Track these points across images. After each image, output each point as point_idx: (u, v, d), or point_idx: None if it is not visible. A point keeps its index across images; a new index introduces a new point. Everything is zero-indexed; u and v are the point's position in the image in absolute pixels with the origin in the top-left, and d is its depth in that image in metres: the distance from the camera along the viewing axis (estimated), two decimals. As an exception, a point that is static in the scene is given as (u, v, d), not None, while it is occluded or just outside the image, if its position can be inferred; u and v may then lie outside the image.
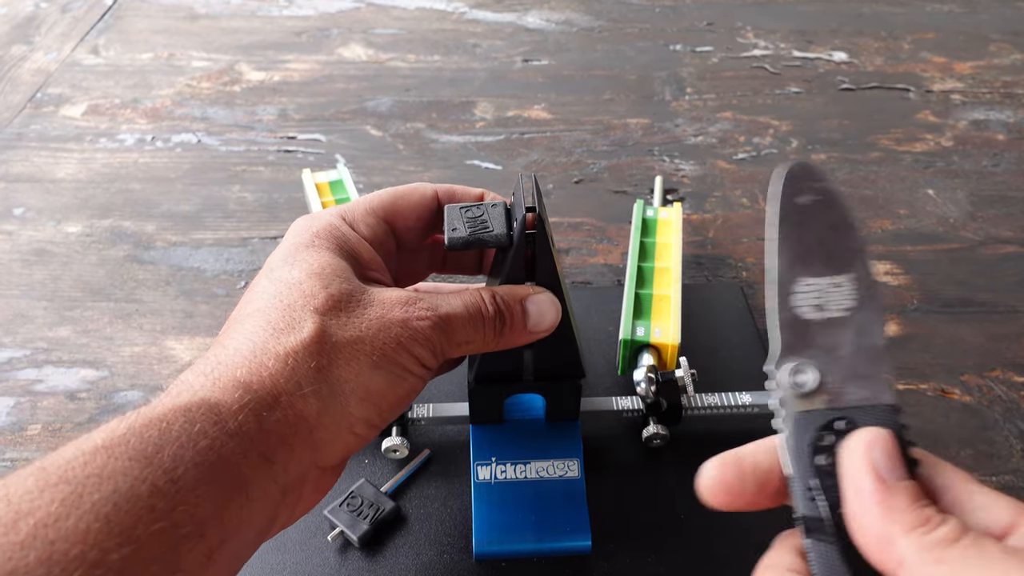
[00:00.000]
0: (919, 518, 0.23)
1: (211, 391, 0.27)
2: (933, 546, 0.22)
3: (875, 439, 0.24)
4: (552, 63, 0.81)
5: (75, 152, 0.68)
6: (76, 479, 0.23)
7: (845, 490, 0.24)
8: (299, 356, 0.29)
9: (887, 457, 0.24)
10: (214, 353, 0.29)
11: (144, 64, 0.80)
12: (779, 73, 0.79)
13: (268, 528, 0.28)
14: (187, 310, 0.54)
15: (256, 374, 0.28)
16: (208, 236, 0.60)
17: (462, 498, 0.42)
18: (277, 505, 0.28)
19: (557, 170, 0.67)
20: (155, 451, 0.25)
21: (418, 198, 0.37)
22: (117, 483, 0.23)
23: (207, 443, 0.26)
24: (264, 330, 0.29)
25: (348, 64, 0.80)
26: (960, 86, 0.77)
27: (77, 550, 0.22)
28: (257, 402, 0.27)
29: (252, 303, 0.31)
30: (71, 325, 0.53)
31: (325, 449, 0.29)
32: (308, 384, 0.28)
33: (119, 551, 0.22)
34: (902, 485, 0.23)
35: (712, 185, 0.65)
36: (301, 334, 0.29)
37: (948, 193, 0.64)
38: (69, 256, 0.58)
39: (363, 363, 0.30)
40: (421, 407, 0.43)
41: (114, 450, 0.24)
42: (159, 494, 0.24)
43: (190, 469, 0.25)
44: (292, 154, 0.68)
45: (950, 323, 0.53)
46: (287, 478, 0.28)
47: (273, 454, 0.27)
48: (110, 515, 0.23)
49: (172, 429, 0.25)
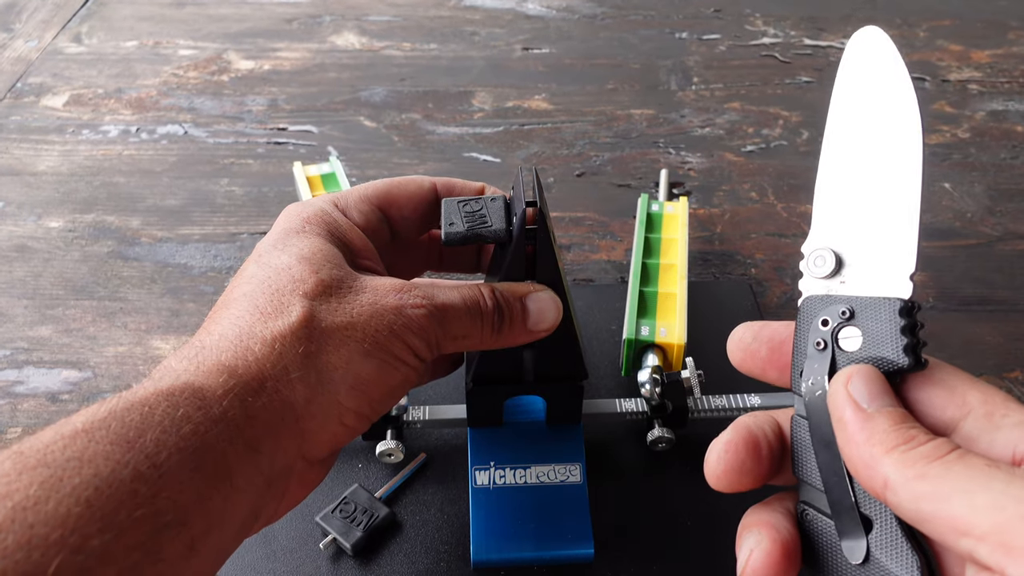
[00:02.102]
0: (901, 437, 0.23)
1: (195, 375, 0.27)
2: (915, 462, 0.22)
3: (855, 372, 0.25)
4: (553, 51, 0.81)
5: (57, 144, 0.68)
6: (56, 462, 0.23)
7: (832, 424, 0.25)
8: (286, 341, 0.29)
9: (867, 386, 0.24)
10: (199, 339, 0.29)
11: (128, 52, 0.80)
12: (789, 62, 0.79)
13: (252, 522, 0.28)
14: (173, 308, 0.54)
15: (242, 358, 0.28)
16: (195, 231, 0.60)
17: (459, 504, 0.42)
18: (262, 497, 0.28)
19: (558, 163, 0.67)
20: (137, 435, 0.25)
21: (415, 189, 0.37)
22: (98, 467, 0.23)
23: (191, 428, 0.26)
24: (251, 314, 0.30)
25: (341, 52, 0.80)
26: (978, 75, 0.77)
27: (57, 534, 0.22)
28: (242, 387, 0.27)
29: (239, 288, 0.31)
30: (53, 324, 0.53)
31: (312, 439, 0.29)
32: (295, 370, 0.28)
33: (100, 536, 0.22)
34: (885, 411, 0.24)
35: (720, 178, 0.65)
36: (289, 318, 0.29)
37: (965, 187, 0.64)
38: (51, 252, 0.58)
39: (353, 350, 0.30)
40: (417, 409, 0.43)
41: (95, 434, 0.24)
42: (141, 479, 0.24)
43: (173, 455, 0.25)
44: (283, 146, 0.68)
45: (967, 322, 0.53)
46: (273, 468, 0.28)
47: (259, 442, 0.27)
48: (91, 499, 0.23)
49: (155, 414, 0.25)
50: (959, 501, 0.21)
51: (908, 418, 0.24)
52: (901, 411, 0.24)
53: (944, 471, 0.22)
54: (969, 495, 0.21)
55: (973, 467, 0.21)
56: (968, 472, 0.21)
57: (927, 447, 0.22)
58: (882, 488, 0.23)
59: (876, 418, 0.24)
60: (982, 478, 0.21)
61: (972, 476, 0.21)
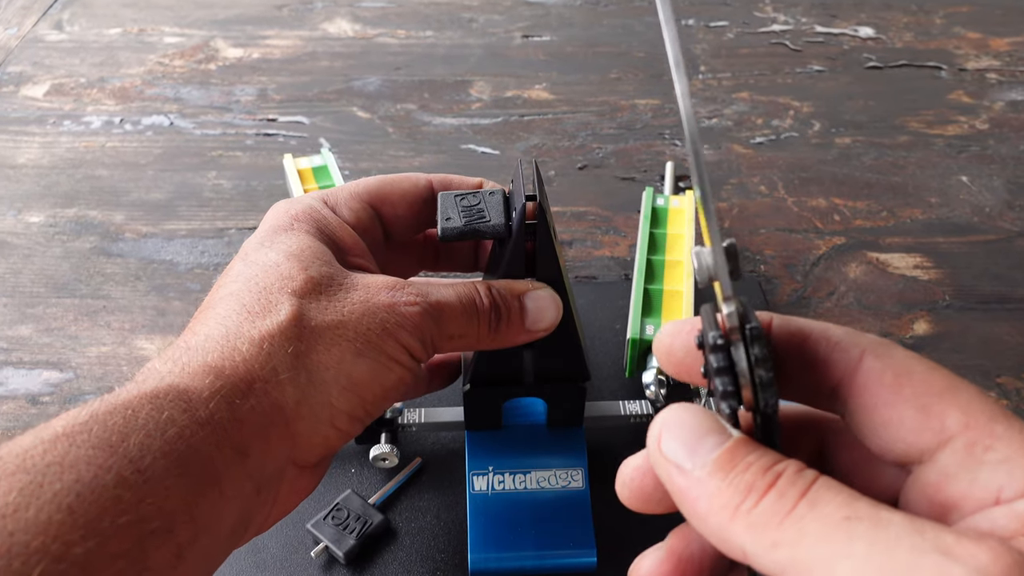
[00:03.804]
0: (741, 492, 0.19)
1: (180, 377, 0.27)
2: (765, 526, 0.19)
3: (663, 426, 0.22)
4: (554, 39, 0.81)
5: (37, 136, 0.68)
6: (35, 468, 0.23)
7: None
8: (275, 340, 0.29)
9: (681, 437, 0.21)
10: (184, 340, 0.29)
11: (112, 40, 0.80)
12: (800, 50, 0.79)
13: (241, 531, 0.28)
14: (158, 307, 0.54)
15: (228, 359, 0.28)
16: (181, 227, 0.60)
17: (456, 510, 0.42)
18: (251, 503, 0.28)
19: (560, 155, 0.67)
20: (120, 439, 0.24)
21: (409, 186, 0.37)
22: (80, 472, 0.23)
23: (176, 432, 0.25)
24: (238, 314, 0.29)
25: (333, 40, 0.80)
26: (996, 64, 0.77)
27: (38, 542, 0.22)
28: (229, 388, 0.27)
29: (225, 287, 0.31)
30: (33, 323, 0.52)
31: (303, 443, 0.29)
32: (285, 370, 0.28)
33: (83, 544, 0.22)
34: (712, 462, 0.20)
35: (728, 171, 0.65)
36: (278, 317, 0.29)
37: (983, 180, 0.64)
38: (31, 248, 0.58)
39: (345, 349, 0.29)
40: (412, 412, 0.43)
41: (76, 438, 0.24)
42: (125, 485, 0.24)
43: (158, 459, 0.25)
44: (272, 138, 0.68)
45: (985, 321, 0.53)
46: (262, 473, 0.28)
47: (247, 446, 0.27)
48: (73, 506, 0.23)
49: (138, 416, 0.25)
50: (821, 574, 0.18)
51: (741, 452, 0.20)
52: (730, 447, 0.20)
53: (797, 536, 0.18)
54: (829, 566, 0.18)
55: (828, 523, 0.18)
56: (824, 532, 0.18)
57: (771, 502, 0.19)
58: (743, 559, 0.19)
59: (706, 481, 0.20)
60: (841, 539, 0.18)
61: (829, 538, 0.18)
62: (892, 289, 0.55)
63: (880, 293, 0.55)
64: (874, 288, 0.55)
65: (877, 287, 0.55)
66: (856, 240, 0.59)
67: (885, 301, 0.54)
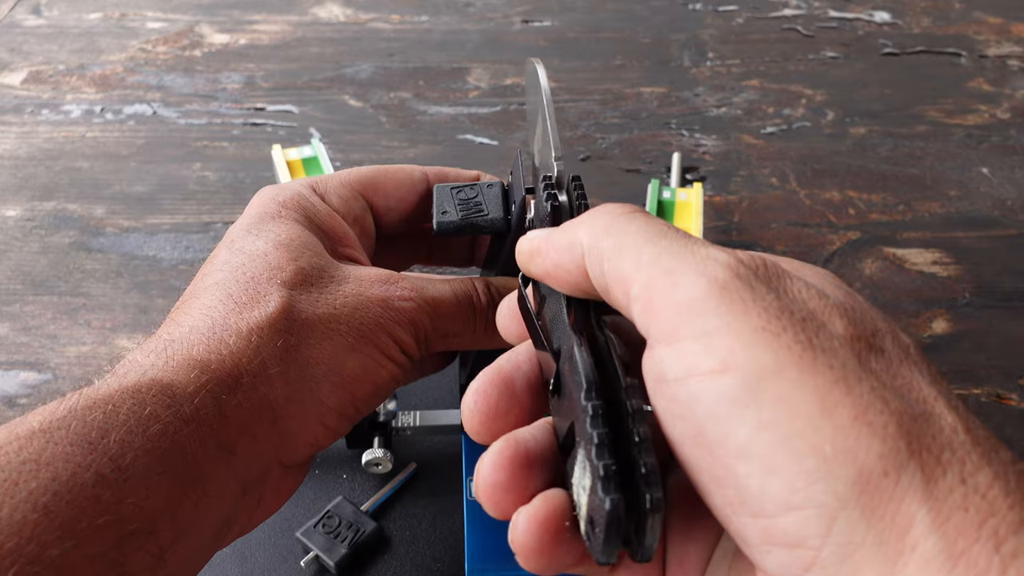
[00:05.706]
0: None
1: (163, 371, 0.27)
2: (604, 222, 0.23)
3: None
4: (555, 24, 0.80)
5: (14, 126, 0.68)
6: (10, 465, 0.23)
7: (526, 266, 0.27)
8: (264, 333, 0.29)
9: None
10: (166, 331, 0.29)
11: (92, 25, 0.80)
12: (813, 36, 0.79)
13: (224, 532, 0.28)
14: (141, 305, 0.53)
15: (215, 352, 0.28)
16: (165, 221, 0.60)
17: (453, 517, 0.42)
18: (236, 503, 0.28)
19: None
20: (100, 436, 0.24)
21: (404, 177, 0.37)
22: (57, 470, 0.23)
23: (159, 428, 0.25)
24: (224, 304, 0.29)
25: (324, 25, 0.80)
26: (1018, 50, 0.77)
27: (12, 543, 0.22)
28: (216, 383, 0.27)
29: (210, 276, 0.31)
30: (9, 322, 0.52)
31: (291, 441, 0.29)
32: (274, 365, 0.28)
33: (60, 546, 0.22)
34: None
35: (737, 163, 0.65)
36: (266, 309, 0.29)
37: (1005, 172, 0.64)
38: (7, 243, 0.58)
39: (337, 344, 0.29)
40: (407, 415, 0.43)
41: (53, 434, 0.24)
42: (104, 484, 0.24)
43: (140, 457, 0.25)
44: (260, 128, 0.68)
45: (1007, 319, 0.53)
46: (248, 472, 0.28)
47: (233, 444, 0.27)
48: (49, 505, 0.22)
49: (119, 412, 0.25)
50: (629, 256, 0.22)
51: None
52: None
53: (626, 226, 0.23)
54: (637, 250, 0.22)
55: (651, 225, 0.23)
56: (644, 228, 0.22)
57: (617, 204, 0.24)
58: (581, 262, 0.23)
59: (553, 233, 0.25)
60: (654, 234, 0.22)
61: (647, 232, 0.22)
62: (909, 286, 0.55)
63: (897, 290, 0.55)
64: (890, 285, 0.55)
65: (894, 284, 0.55)
66: (872, 235, 0.59)
67: (902, 298, 0.54)
